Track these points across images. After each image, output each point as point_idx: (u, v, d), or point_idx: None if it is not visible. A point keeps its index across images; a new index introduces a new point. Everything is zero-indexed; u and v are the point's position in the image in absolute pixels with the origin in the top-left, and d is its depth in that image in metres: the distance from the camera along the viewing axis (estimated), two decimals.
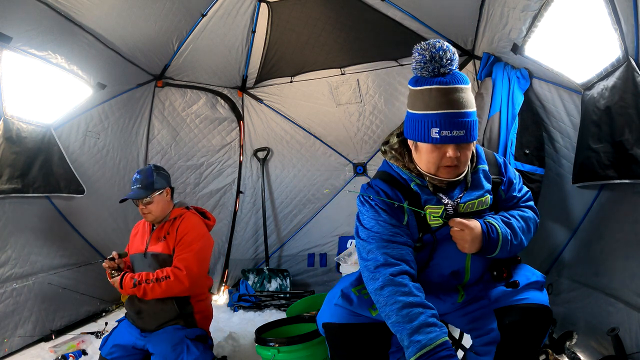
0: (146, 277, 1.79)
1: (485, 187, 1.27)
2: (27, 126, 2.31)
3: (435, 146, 1.14)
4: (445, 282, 1.30)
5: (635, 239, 1.56)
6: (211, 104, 3.68)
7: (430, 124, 1.12)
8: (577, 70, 1.76)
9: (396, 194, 1.22)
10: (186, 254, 1.84)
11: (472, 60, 3.02)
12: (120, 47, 2.78)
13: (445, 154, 1.13)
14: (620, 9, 1.34)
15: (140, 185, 1.93)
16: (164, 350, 1.70)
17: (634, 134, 1.39)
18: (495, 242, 1.18)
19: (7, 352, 2.17)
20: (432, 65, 1.13)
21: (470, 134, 1.12)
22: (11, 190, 2.21)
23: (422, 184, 1.23)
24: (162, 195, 1.97)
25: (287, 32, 3.26)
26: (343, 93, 3.52)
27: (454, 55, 1.14)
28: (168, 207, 2.01)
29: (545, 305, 1.21)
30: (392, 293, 1.08)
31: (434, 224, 1.20)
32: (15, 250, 2.30)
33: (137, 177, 1.96)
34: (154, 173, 1.97)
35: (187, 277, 1.78)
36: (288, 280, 3.47)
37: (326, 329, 1.21)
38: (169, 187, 2.02)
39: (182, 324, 1.84)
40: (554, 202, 2.13)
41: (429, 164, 1.18)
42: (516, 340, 1.17)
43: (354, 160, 3.65)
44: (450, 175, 1.18)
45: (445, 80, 1.12)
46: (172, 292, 1.79)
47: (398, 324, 1.05)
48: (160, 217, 1.97)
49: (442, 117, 1.10)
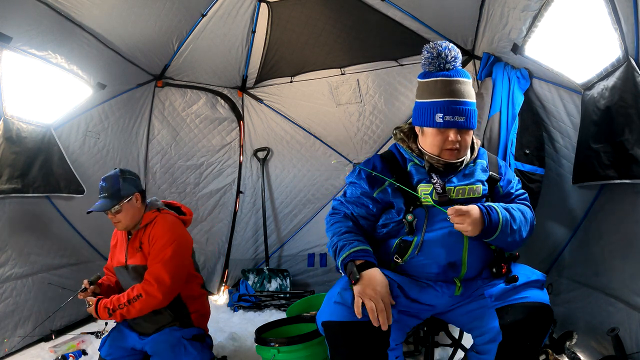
0: (118, 303, 1.69)
1: (477, 177, 1.38)
2: (27, 126, 2.31)
3: (439, 130, 1.32)
4: (442, 272, 1.31)
5: (635, 239, 1.56)
6: (211, 104, 3.68)
7: (435, 110, 1.30)
8: (577, 70, 1.76)
9: (383, 168, 1.40)
10: (155, 266, 1.73)
11: (472, 60, 3.02)
12: (120, 47, 2.78)
13: (448, 137, 1.31)
14: (620, 8, 1.34)
15: (106, 194, 1.80)
16: (162, 352, 1.70)
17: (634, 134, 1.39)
18: (496, 224, 1.25)
19: (7, 352, 2.17)
20: (439, 61, 1.32)
21: (469, 121, 1.30)
22: (11, 190, 2.20)
23: (419, 163, 1.38)
24: (132, 202, 1.83)
25: (287, 32, 3.25)
26: (343, 93, 3.52)
27: (457, 54, 1.34)
28: (139, 213, 1.86)
29: (546, 304, 1.22)
30: (340, 224, 1.34)
31: (425, 201, 1.31)
32: (15, 250, 2.30)
33: (102, 185, 1.82)
34: (119, 179, 1.82)
35: (159, 291, 1.68)
36: (288, 280, 3.47)
37: (326, 327, 1.22)
38: (138, 192, 1.87)
39: (179, 325, 1.82)
40: (554, 202, 2.13)
41: (433, 146, 1.34)
42: (518, 339, 1.18)
43: (354, 160, 3.65)
44: (452, 157, 1.34)
45: (449, 74, 1.32)
46: (148, 308, 1.71)
47: (335, 239, 1.30)
48: (131, 225, 1.85)
49: (445, 104, 1.29)
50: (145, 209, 1.90)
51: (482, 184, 1.38)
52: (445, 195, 1.31)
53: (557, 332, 1.89)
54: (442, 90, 1.30)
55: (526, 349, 1.19)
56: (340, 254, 1.25)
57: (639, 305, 1.52)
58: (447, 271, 1.30)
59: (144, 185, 3.45)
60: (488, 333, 1.22)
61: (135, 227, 1.86)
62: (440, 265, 1.30)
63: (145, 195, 1.94)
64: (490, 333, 1.21)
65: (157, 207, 1.92)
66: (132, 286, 1.74)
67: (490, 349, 1.20)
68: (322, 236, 3.61)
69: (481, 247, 1.33)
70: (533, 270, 1.33)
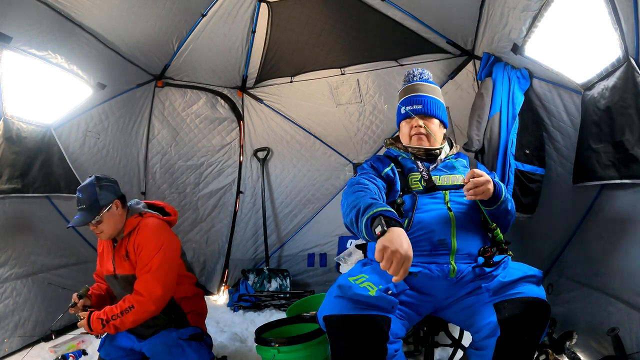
0: (111, 314, 1.66)
1: (459, 171, 1.55)
2: (27, 126, 2.31)
3: (405, 121, 1.66)
4: (434, 249, 1.37)
5: (635, 239, 1.56)
6: (211, 104, 3.69)
7: (400, 105, 1.68)
8: (577, 70, 1.76)
9: (384, 158, 1.67)
10: (145, 276, 1.69)
11: (472, 60, 3.02)
12: (120, 47, 2.78)
13: (413, 125, 1.61)
14: (620, 8, 1.34)
15: (84, 206, 1.72)
16: (160, 354, 1.70)
17: (634, 134, 1.40)
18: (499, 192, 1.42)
19: (7, 352, 2.17)
20: (408, 77, 1.74)
21: (427, 107, 1.62)
22: (11, 190, 2.20)
23: (406, 156, 1.63)
24: (112, 210, 1.76)
25: (287, 32, 3.25)
26: (343, 93, 3.52)
27: (423, 71, 1.74)
28: (121, 220, 1.80)
29: (543, 299, 1.24)
30: (363, 193, 1.39)
31: (415, 187, 1.51)
32: (15, 250, 2.30)
33: (79, 196, 1.75)
34: (96, 188, 1.75)
35: (151, 302, 1.66)
36: (288, 280, 3.47)
37: (327, 321, 1.23)
38: (117, 199, 1.80)
39: (174, 326, 1.81)
40: (554, 202, 2.13)
41: (404, 136, 1.66)
42: (516, 334, 1.19)
43: (354, 160, 3.64)
44: (421, 143, 1.60)
45: (413, 82, 1.72)
46: (142, 318, 1.68)
47: (359, 201, 1.32)
48: (115, 233, 1.79)
49: (407, 98, 1.66)
50: (127, 214, 1.84)
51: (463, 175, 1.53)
52: (432, 182, 1.50)
53: (557, 332, 1.88)
54: (406, 91, 1.69)
55: (524, 344, 1.20)
56: (367, 211, 1.22)
57: (639, 305, 1.52)
58: (438, 247, 1.37)
59: (143, 185, 3.45)
60: (486, 328, 1.23)
61: (119, 235, 1.81)
62: (432, 241, 1.38)
63: (125, 200, 1.87)
64: (488, 328, 1.22)
65: (139, 212, 1.85)
66: (124, 297, 1.70)
67: (488, 344, 1.22)
68: (322, 236, 3.64)
69: (468, 230, 1.41)
70: (529, 267, 1.36)
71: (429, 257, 1.37)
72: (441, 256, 1.37)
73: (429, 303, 1.39)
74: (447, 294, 1.37)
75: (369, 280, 1.28)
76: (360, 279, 1.30)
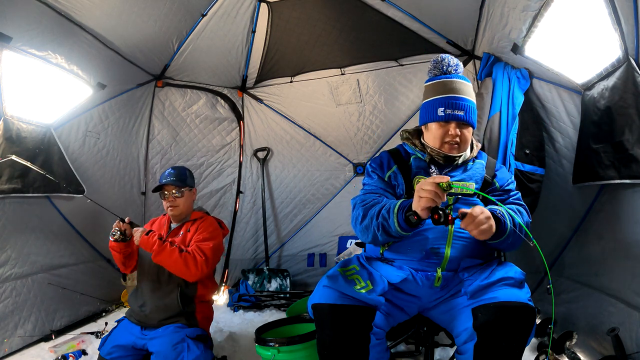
0: (171, 239, 1.85)
1: (475, 177, 1.47)
2: (27, 126, 2.31)
3: (440, 124, 1.45)
4: (425, 257, 1.36)
5: (635, 239, 1.56)
6: (211, 104, 3.69)
7: (437, 105, 1.45)
8: (577, 70, 1.76)
9: (389, 158, 1.56)
10: (206, 244, 1.86)
11: (472, 60, 3.02)
12: (120, 47, 2.78)
13: (448, 131, 1.43)
14: (620, 8, 1.34)
15: (174, 179, 1.98)
16: (165, 349, 1.70)
17: (634, 134, 1.40)
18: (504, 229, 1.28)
19: (7, 352, 2.17)
20: (442, 65, 1.50)
21: (468, 115, 1.43)
22: (11, 190, 2.20)
23: (421, 157, 1.52)
24: (191, 193, 2.05)
25: (287, 32, 3.26)
26: (343, 93, 3.52)
27: (459, 63, 1.52)
28: (191, 207, 2.06)
29: (523, 302, 1.19)
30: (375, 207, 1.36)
31: None
32: (15, 250, 2.30)
33: (170, 171, 2.02)
34: (186, 171, 2.07)
35: (204, 263, 1.81)
36: (288, 280, 3.47)
37: (315, 309, 1.28)
38: (195, 189, 2.10)
39: (184, 322, 1.84)
40: (554, 202, 2.13)
41: (435, 139, 1.47)
42: (492, 340, 1.16)
43: (353, 160, 3.65)
44: (452, 151, 1.45)
45: (450, 76, 1.49)
46: (183, 267, 1.78)
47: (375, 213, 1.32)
48: (184, 213, 2.02)
49: (447, 99, 1.44)
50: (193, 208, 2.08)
51: (476, 182, 1.46)
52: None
53: (557, 332, 1.89)
54: (444, 88, 1.46)
55: (503, 350, 1.15)
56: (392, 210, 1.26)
57: (639, 305, 1.52)
58: (431, 255, 1.36)
59: (143, 185, 3.45)
60: (464, 333, 1.22)
61: (183, 220, 2.02)
62: (424, 249, 1.36)
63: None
64: (466, 333, 1.22)
65: (206, 211, 2.14)
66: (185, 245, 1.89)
67: (467, 348, 1.20)
68: (322, 236, 3.64)
69: (465, 239, 1.37)
70: (512, 268, 1.33)
71: (419, 264, 1.37)
72: (431, 265, 1.36)
73: (414, 304, 1.41)
74: (432, 297, 1.39)
75: (358, 274, 1.34)
76: (351, 271, 1.37)
